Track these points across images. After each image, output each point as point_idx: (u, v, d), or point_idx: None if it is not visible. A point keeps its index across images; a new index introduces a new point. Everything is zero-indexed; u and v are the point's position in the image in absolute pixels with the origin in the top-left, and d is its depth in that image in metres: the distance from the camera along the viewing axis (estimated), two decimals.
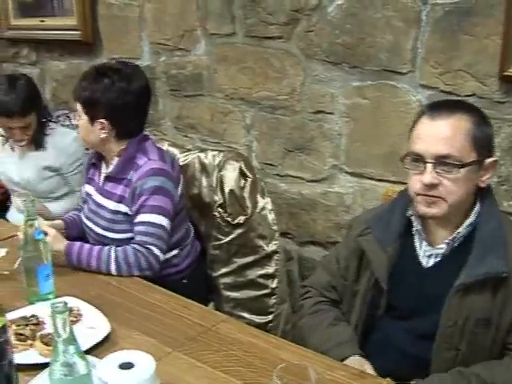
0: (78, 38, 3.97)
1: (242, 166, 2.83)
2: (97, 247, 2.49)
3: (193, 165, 2.96)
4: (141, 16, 3.63)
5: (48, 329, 2.02)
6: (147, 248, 2.46)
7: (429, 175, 1.87)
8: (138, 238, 2.49)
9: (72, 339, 1.46)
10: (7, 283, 2.36)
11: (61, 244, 2.47)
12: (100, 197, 2.68)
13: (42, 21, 4.23)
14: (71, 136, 3.32)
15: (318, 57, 2.95)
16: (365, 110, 2.86)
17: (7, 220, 3.32)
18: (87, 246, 2.51)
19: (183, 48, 3.46)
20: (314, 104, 3.01)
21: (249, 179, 2.83)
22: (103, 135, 2.58)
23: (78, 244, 2.51)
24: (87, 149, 3.03)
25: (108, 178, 2.67)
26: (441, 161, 1.86)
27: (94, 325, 2.01)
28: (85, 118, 2.58)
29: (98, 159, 2.75)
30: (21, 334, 1.95)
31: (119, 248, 2.46)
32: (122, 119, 2.59)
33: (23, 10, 4.39)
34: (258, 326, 2.55)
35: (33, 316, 2.05)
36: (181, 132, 3.60)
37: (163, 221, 2.52)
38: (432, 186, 1.88)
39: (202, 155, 2.95)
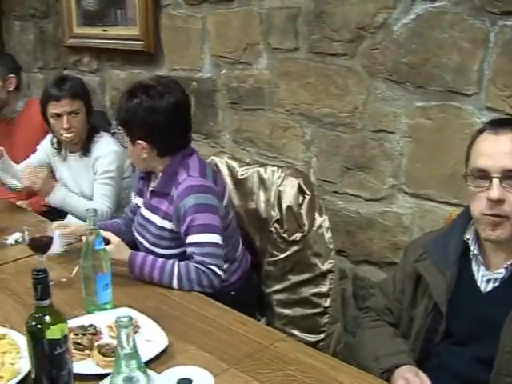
0: (139, 48, 4.00)
1: (301, 182, 2.81)
2: (160, 260, 2.48)
3: (251, 179, 2.94)
4: (203, 28, 3.64)
5: (105, 339, 2.02)
6: (209, 268, 2.43)
7: (496, 190, 1.82)
8: (198, 258, 2.45)
9: (135, 353, 1.45)
10: (65, 291, 2.37)
11: (124, 253, 2.48)
12: (147, 211, 2.69)
13: (105, 30, 4.28)
14: (114, 147, 3.33)
15: (381, 75, 2.91)
16: (427, 130, 2.81)
17: None
18: (150, 257, 2.50)
19: (245, 61, 3.46)
20: (376, 122, 2.97)
21: (307, 196, 2.80)
22: (145, 155, 2.59)
23: (141, 254, 2.51)
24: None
25: (153, 193, 2.68)
26: (507, 175, 1.82)
27: (151, 337, 2.01)
28: (126, 139, 2.61)
29: (146, 173, 2.76)
30: (78, 344, 1.95)
31: (182, 263, 2.45)
32: (159, 138, 2.57)
33: (86, 18, 4.44)
34: (309, 344, 2.52)
35: (91, 325, 2.05)
36: (239, 145, 3.60)
37: (215, 238, 2.49)
38: (498, 202, 1.83)
39: (261, 170, 2.93)
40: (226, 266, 2.66)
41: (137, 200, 2.83)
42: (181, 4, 3.75)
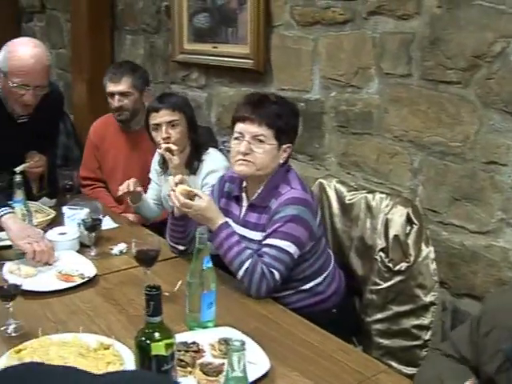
0: (249, 67, 4.01)
1: (410, 212, 2.76)
2: (243, 245, 2.56)
3: (358, 205, 2.92)
4: (314, 50, 3.63)
5: (207, 357, 2.02)
6: (271, 272, 2.50)
7: None
8: (266, 259, 2.52)
9: (244, 378, 1.45)
10: (167, 305, 2.31)
11: (217, 214, 2.59)
12: (244, 229, 2.71)
13: (215, 47, 4.32)
14: (225, 162, 3.35)
15: (496, 106, 2.83)
16: None
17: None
18: (237, 236, 2.58)
19: (355, 85, 3.42)
20: (488, 154, 2.89)
21: (415, 226, 2.75)
22: (282, 160, 2.68)
23: (231, 228, 2.60)
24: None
25: (251, 208, 2.72)
26: None
27: (253, 359, 1.97)
28: (274, 143, 2.64)
29: (240, 191, 2.79)
30: (181, 360, 1.95)
31: (254, 260, 2.50)
32: (295, 143, 2.77)
33: (197, 35, 4.49)
34: (406, 376, 2.47)
35: (193, 343, 2.06)
36: (344, 169, 3.56)
37: (292, 249, 2.55)
38: None
39: (369, 196, 2.90)
40: (320, 279, 2.76)
41: None
42: (293, 25, 3.75)
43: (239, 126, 2.67)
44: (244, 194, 2.77)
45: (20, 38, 3.28)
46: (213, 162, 3.35)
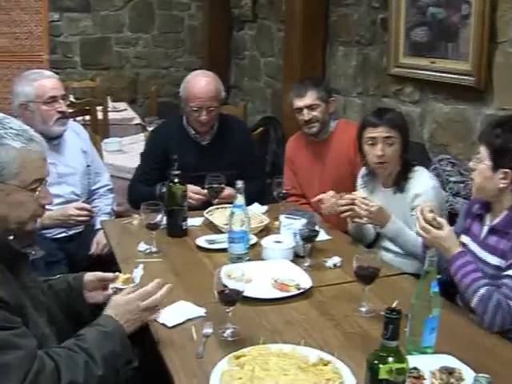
0: (469, 84, 3.91)
1: None
2: (479, 274, 2.46)
3: None
4: None
5: None
6: (509, 304, 2.34)
7: None
8: (504, 289, 2.37)
9: None
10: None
11: (455, 245, 2.53)
12: (482, 251, 2.59)
13: (433, 62, 4.25)
14: (432, 182, 3.26)
15: None
16: None
17: None
18: (474, 265, 2.49)
19: None
20: None
21: None
22: (502, 185, 2.52)
23: (468, 257, 2.52)
24: None
25: (492, 231, 2.59)
26: None
27: None
28: (488, 164, 2.53)
29: (484, 210, 2.68)
30: None
31: (490, 289, 2.38)
32: None
33: (414, 49, 4.45)
34: None
35: (414, 368, 1.99)
36: None
37: None
38: None
39: None
40: None
41: (463, 238, 2.73)
42: None
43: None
44: (488, 215, 2.67)
45: (195, 71, 4.08)
46: (420, 185, 3.23)
